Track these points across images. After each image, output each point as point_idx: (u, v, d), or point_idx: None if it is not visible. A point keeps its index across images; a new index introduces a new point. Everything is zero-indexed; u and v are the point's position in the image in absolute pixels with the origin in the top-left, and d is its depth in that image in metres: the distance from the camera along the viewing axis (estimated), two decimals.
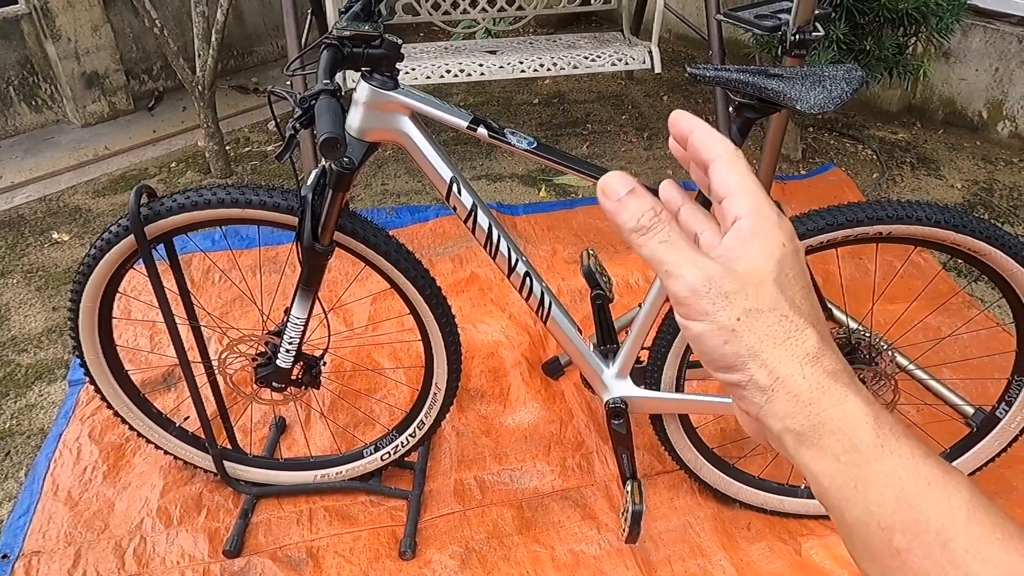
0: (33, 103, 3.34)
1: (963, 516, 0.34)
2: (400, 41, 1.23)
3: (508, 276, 1.42)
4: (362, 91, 1.25)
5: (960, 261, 2.45)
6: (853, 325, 1.87)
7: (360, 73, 1.26)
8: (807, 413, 0.37)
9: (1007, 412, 1.54)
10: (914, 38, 2.65)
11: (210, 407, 1.62)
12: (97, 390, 1.57)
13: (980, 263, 1.39)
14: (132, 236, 1.35)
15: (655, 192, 0.44)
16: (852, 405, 0.36)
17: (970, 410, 1.89)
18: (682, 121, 0.43)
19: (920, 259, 2.45)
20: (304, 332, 1.47)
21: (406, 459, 1.72)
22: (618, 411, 1.53)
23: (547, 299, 1.44)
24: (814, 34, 1.69)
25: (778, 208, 0.41)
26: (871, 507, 0.35)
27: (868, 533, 0.35)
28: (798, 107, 1.20)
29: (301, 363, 1.54)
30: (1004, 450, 1.58)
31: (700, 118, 0.44)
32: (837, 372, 0.38)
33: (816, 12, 1.68)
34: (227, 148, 3.04)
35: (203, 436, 1.64)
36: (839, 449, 0.36)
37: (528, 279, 1.42)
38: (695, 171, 0.44)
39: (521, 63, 2.70)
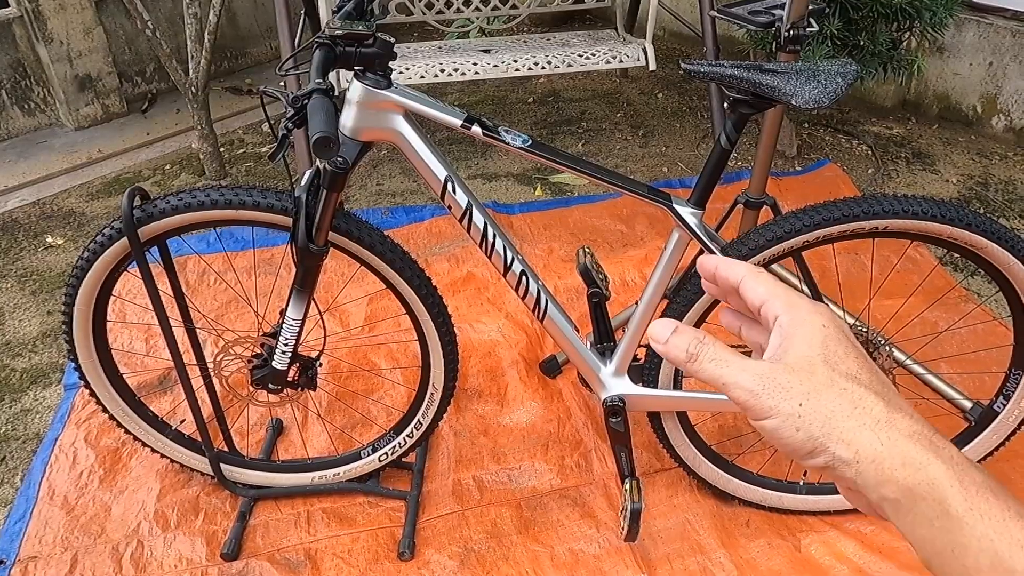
0: (26, 106, 3.32)
1: None
2: (393, 40, 1.22)
3: (504, 275, 1.42)
4: (355, 90, 1.25)
5: (956, 255, 2.45)
6: (850, 321, 1.87)
7: (353, 72, 1.25)
8: (895, 480, 0.38)
9: (1005, 406, 1.54)
10: (908, 33, 2.65)
11: (206, 410, 1.61)
12: (92, 394, 1.56)
13: (976, 257, 1.38)
14: (125, 238, 1.35)
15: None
16: (935, 469, 0.37)
17: (968, 404, 1.89)
18: (706, 263, 0.49)
19: (916, 254, 2.45)
20: (300, 333, 1.47)
21: (404, 460, 1.72)
22: (616, 409, 1.53)
23: (543, 297, 1.44)
24: (808, 30, 1.68)
25: (812, 296, 0.44)
26: (969, 572, 0.36)
27: None
28: (793, 102, 1.19)
29: (297, 364, 1.53)
30: (1002, 444, 1.58)
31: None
32: (915, 434, 0.38)
33: (810, 8, 1.67)
34: (221, 150, 3.03)
35: (200, 439, 1.63)
36: (932, 515, 0.36)
37: (524, 277, 1.41)
38: (733, 299, 0.50)
39: (515, 61, 2.69)
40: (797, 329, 0.43)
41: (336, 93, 1.16)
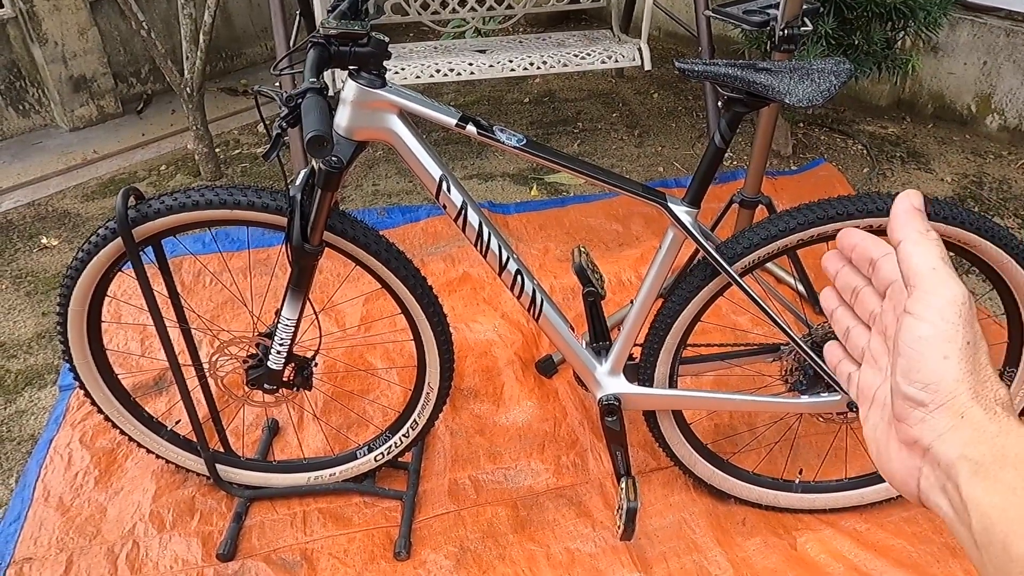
0: (20, 107, 3.32)
1: None
2: (387, 39, 1.22)
3: (499, 274, 1.42)
4: (350, 90, 1.25)
5: (951, 254, 2.45)
6: None
7: (347, 72, 1.25)
8: (992, 444, 0.38)
9: None
10: (902, 32, 2.65)
11: (202, 410, 1.61)
12: (87, 395, 1.56)
13: (970, 255, 1.39)
14: (120, 239, 1.34)
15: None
16: None
17: None
18: (849, 233, 0.51)
19: None
20: (295, 333, 1.47)
21: (400, 460, 1.72)
22: (611, 408, 1.53)
23: (539, 297, 1.44)
24: (802, 29, 1.69)
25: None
26: None
27: None
28: (787, 100, 1.20)
29: (292, 365, 1.53)
30: None
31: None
32: (1006, 404, 0.39)
33: (804, 7, 1.68)
34: (217, 150, 3.03)
35: (195, 439, 1.63)
36: (1018, 483, 0.36)
37: (519, 277, 1.41)
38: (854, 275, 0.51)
39: (511, 62, 2.70)
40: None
41: (331, 93, 1.16)
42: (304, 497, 1.72)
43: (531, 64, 2.69)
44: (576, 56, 2.73)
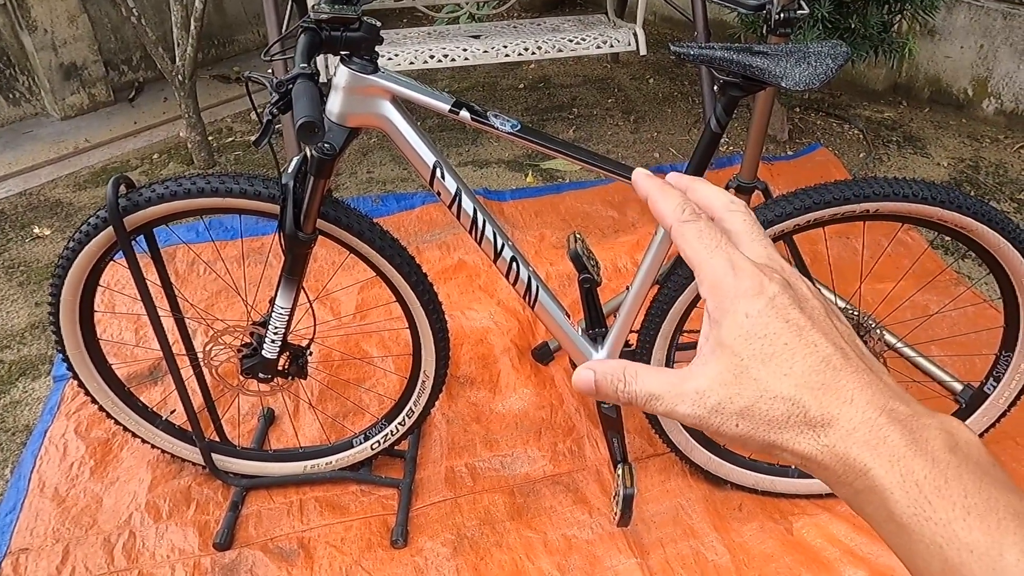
0: (11, 96, 3.28)
1: None
2: (379, 24, 1.21)
3: (494, 261, 1.41)
4: (341, 75, 1.23)
5: (947, 239, 2.45)
6: (841, 304, 1.87)
7: (339, 57, 1.23)
8: (842, 484, 0.34)
9: (995, 388, 1.55)
10: (899, 16, 2.64)
11: (197, 400, 1.60)
12: (81, 385, 1.55)
13: (967, 239, 1.38)
14: (111, 228, 1.33)
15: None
16: (877, 473, 0.32)
17: (958, 387, 1.90)
18: (639, 178, 0.43)
19: (907, 237, 2.45)
20: (289, 322, 1.46)
21: (396, 448, 1.71)
22: None
23: (534, 284, 1.43)
24: (799, 12, 1.67)
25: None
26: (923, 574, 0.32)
27: None
28: (783, 84, 1.19)
29: (287, 353, 1.53)
30: (992, 426, 1.59)
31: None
32: (854, 430, 0.33)
33: None
34: (210, 139, 3.01)
35: (190, 429, 1.63)
36: (881, 518, 0.33)
37: (515, 264, 1.41)
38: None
39: (505, 47, 2.67)
40: (719, 328, 0.36)
41: (323, 80, 1.14)
42: (300, 486, 1.72)
43: (526, 49, 2.67)
44: (571, 41, 2.70)
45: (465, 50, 2.65)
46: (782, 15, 1.65)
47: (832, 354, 0.35)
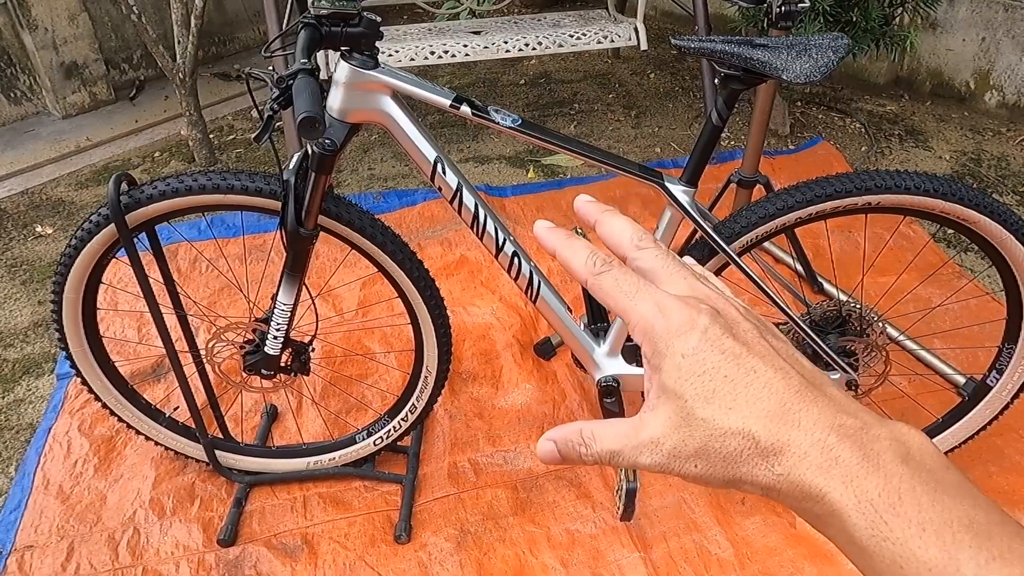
0: (12, 95, 3.29)
1: None
2: (379, 19, 1.21)
3: (496, 256, 1.41)
4: (342, 71, 1.23)
5: (949, 231, 2.45)
6: (843, 297, 1.86)
7: (340, 53, 1.23)
8: (802, 510, 0.34)
9: (998, 380, 1.55)
10: (900, 9, 2.63)
11: (200, 397, 1.61)
12: (84, 383, 1.56)
13: (969, 231, 1.38)
14: (113, 225, 1.33)
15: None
16: (832, 497, 0.32)
17: (961, 379, 1.89)
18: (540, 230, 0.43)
19: (909, 230, 2.45)
20: (292, 318, 1.46)
21: (399, 444, 1.72)
22: (610, 389, 1.53)
23: (536, 279, 1.43)
24: (800, 6, 1.67)
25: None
26: None
27: None
28: (784, 76, 1.18)
29: (290, 350, 1.53)
30: (995, 418, 1.59)
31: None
32: (805, 455, 0.33)
33: None
34: (211, 136, 3.01)
35: (194, 426, 1.63)
36: (843, 541, 0.33)
37: (516, 259, 1.40)
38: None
39: (506, 43, 2.67)
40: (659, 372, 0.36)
41: (324, 77, 1.14)
42: (304, 482, 1.72)
43: (526, 45, 2.67)
44: (572, 36, 2.70)
45: (466, 46, 2.65)
46: (783, 8, 1.65)
47: (772, 378, 0.35)
